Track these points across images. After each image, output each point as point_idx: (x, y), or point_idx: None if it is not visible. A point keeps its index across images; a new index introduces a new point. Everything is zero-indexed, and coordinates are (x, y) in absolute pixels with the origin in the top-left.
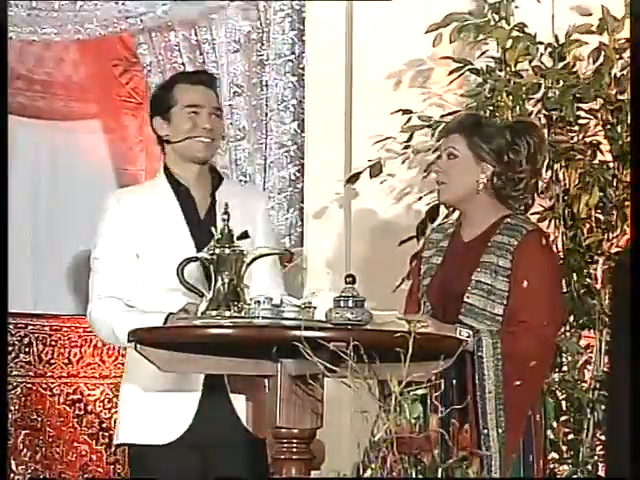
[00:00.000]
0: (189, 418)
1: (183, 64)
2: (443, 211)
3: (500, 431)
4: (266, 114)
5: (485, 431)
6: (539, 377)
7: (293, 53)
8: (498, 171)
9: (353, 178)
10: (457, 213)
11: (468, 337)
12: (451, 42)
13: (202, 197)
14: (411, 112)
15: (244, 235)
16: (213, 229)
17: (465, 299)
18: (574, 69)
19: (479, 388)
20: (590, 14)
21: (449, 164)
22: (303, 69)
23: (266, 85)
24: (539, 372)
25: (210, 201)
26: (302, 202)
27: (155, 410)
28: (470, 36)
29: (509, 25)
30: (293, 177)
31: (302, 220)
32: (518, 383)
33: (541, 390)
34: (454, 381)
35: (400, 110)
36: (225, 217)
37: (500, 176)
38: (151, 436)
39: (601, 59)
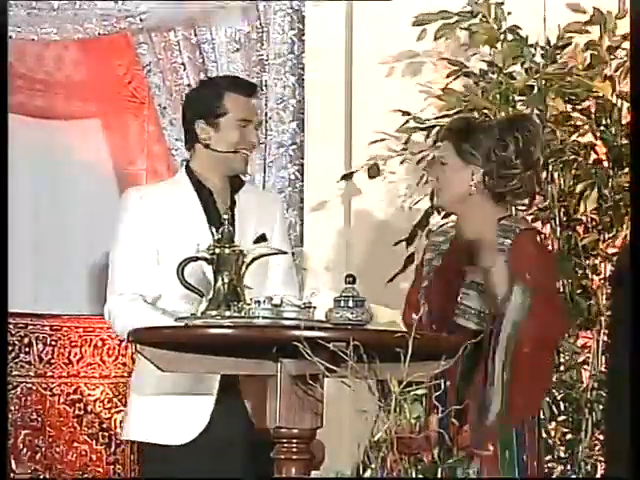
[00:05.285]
0: (205, 419)
1: (183, 64)
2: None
3: (506, 375)
4: (266, 114)
5: (490, 369)
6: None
7: (293, 53)
8: (487, 170)
9: (348, 176)
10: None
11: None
12: (436, 39)
13: (223, 199)
14: (409, 114)
15: (262, 238)
16: (213, 229)
17: (460, 299)
18: (566, 69)
19: (496, 332)
20: (583, 12)
21: (440, 171)
22: (303, 69)
23: (266, 85)
24: (541, 370)
25: (230, 203)
26: (302, 202)
27: (170, 409)
28: (454, 35)
29: (499, 27)
30: (293, 177)
31: (302, 220)
32: (527, 350)
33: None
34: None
35: (399, 110)
36: (226, 217)
37: (491, 175)
38: (166, 436)
39: (594, 58)
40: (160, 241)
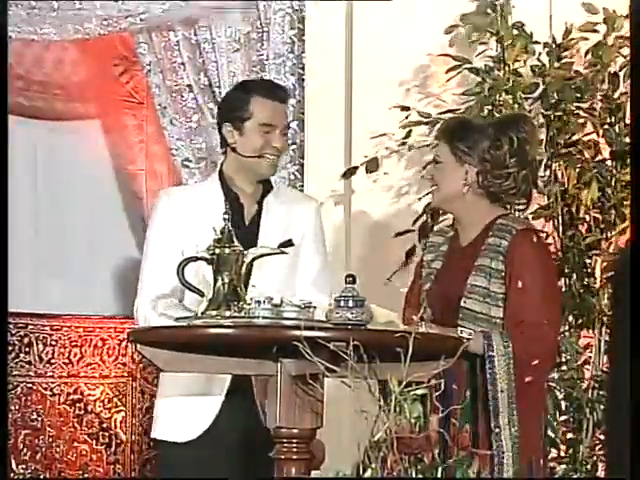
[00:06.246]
0: (211, 417)
1: (183, 64)
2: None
3: (513, 430)
4: None
5: (497, 430)
6: (541, 375)
7: (293, 53)
8: (481, 169)
9: (349, 172)
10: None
11: (470, 336)
12: (446, 33)
13: (250, 204)
14: (409, 109)
15: (288, 243)
16: (215, 228)
17: (462, 304)
18: (572, 67)
19: (491, 387)
20: (589, 11)
21: (435, 170)
22: (303, 69)
23: None
24: (540, 370)
25: (257, 208)
26: None
27: (180, 408)
28: (471, 35)
29: (507, 24)
30: (293, 177)
31: None
32: (529, 380)
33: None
34: (455, 384)
35: (400, 106)
36: (226, 217)
37: (485, 174)
38: (173, 433)
39: (598, 57)
40: (185, 244)
